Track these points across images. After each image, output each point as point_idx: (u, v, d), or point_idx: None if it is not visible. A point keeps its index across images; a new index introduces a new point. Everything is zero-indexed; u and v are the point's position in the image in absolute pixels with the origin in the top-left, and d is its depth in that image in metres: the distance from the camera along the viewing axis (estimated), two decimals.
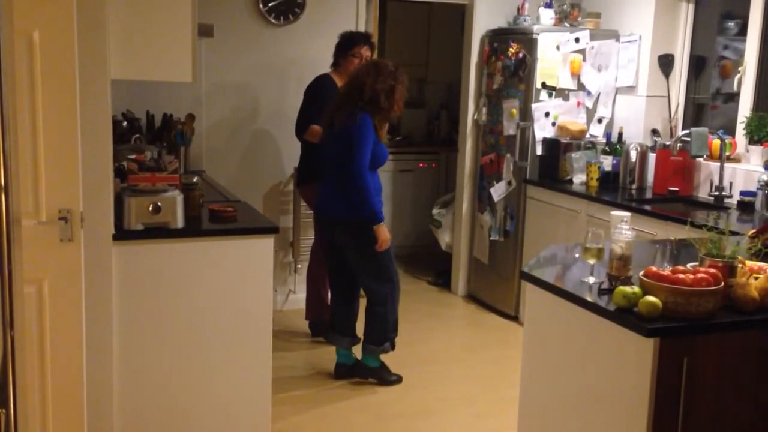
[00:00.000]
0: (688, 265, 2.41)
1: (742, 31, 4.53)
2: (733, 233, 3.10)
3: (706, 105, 4.93)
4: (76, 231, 2.60)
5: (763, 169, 4.10)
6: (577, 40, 5.02)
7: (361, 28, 5.04)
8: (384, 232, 3.88)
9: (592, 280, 2.54)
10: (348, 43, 4.50)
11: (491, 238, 5.36)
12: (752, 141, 4.36)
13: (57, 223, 2.57)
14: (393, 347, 4.15)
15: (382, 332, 4.07)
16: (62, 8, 2.50)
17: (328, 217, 4.02)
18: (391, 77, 3.89)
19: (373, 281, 4.02)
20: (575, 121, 5.07)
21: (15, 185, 2.45)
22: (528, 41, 4.98)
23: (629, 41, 5.00)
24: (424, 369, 4.39)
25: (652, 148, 4.77)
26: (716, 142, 4.42)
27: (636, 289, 2.27)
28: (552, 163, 4.99)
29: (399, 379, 4.18)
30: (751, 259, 2.53)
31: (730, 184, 4.31)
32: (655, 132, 4.90)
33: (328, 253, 4.20)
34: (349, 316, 4.19)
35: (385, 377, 4.16)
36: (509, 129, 5.15)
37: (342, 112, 3.89)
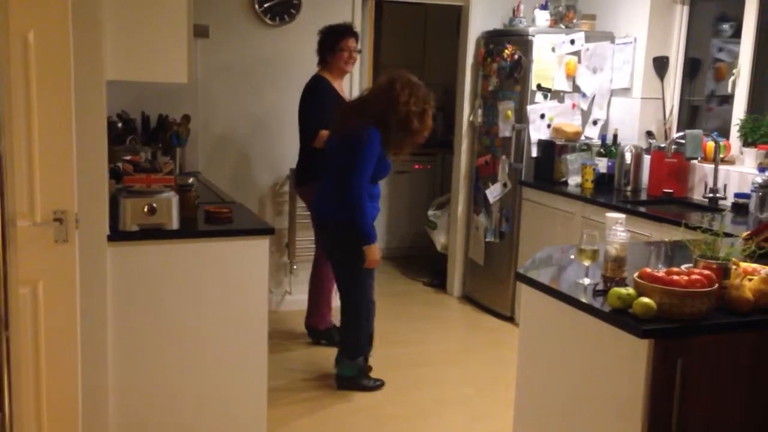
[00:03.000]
0: (683, 267, 2.41)
1: (737, 34, 4.54)
2: (728, 235, 3.11)
3: (701, 107, 4.94)
4: (71, 232, 2.60)
5: (757, 171, 4.11)
6: (572, 41, 5.03)
7: (358, 30, 5.02)
8: (373, 253, 3.76)
9: (587, 281, 2.54)
10: (333, 37, 4.41)
11: (487, 240, 5.36)
12: (746, 143, 4.37)
13: (52, 224, 2.57)
14: (366, 361, 4.08)
15: (355, 345, 4.00)
16: (57, 8, 2.49)
17: (325, 219, 3.99)
18: (424, 100, 3.80)
19: (350, 289, 3.94)
20: (570, 122, 5.08)
21: (10, 186, 2.44)
22: (523, 43, 4.99)
23: (624, 43, 5.01)
24: (419, 371, 4.39)
25: (647, 150, 4.77)
26: (710, 144, 4.43)
27: (630, 290, 2.28)
28: (547, 165, 4.99)
29: (380, 384, 4.09)
30: (745, 261, 2.53)
31: (725, 186, 4.32)
32: (649, 134, 4.91)
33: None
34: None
35: (364, 384, 4.06)
36: (504, 131, 5.15)
37: (354, 121, 3.78)
